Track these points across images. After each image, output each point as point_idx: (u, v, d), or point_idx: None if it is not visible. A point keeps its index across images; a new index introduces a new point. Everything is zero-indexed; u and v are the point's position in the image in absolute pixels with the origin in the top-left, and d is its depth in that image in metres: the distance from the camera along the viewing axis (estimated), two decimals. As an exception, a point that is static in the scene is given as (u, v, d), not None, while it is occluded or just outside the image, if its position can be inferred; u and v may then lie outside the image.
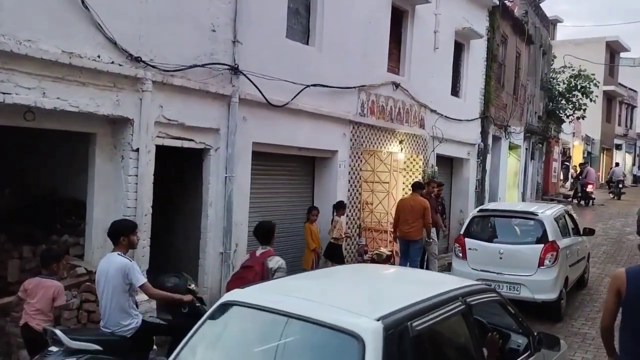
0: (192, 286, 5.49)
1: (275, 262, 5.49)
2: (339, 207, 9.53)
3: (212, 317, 3.68)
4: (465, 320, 3.67)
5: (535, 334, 4.42)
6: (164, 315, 5.75)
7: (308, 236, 8.87)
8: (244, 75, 7.67)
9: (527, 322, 4.55)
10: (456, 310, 3.59)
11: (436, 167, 13.27)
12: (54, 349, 4.46)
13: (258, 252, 5.58)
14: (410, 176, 12.16)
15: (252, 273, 5.39)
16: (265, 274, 5.38)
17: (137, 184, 6.48)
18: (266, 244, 5.66)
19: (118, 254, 4.94)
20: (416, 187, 10.10)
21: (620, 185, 28.42)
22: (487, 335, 3.95)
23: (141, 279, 4.90)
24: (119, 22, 6.13)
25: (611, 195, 27.95)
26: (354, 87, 10.19)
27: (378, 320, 3.02)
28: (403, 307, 3.23)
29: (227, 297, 3.72)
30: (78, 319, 6.10)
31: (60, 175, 7.35)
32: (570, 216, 10.40)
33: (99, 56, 5.97)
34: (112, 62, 6.10)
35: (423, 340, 3.25)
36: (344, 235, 9.59)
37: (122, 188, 6.47)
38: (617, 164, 32.29)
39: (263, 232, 5.74)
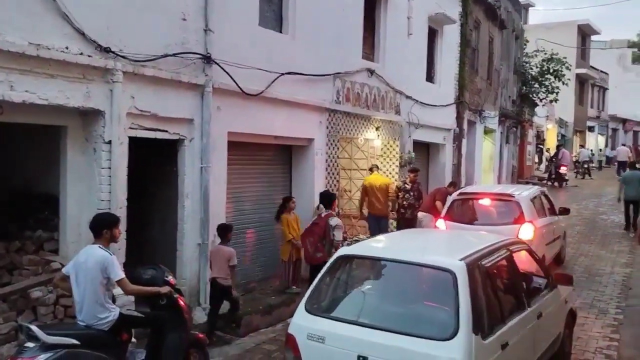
0: (169, 278, 5.45)
1: (335, 221, 8.13)
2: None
3: (331, 267, 4.94)
4: (509, 262, 5.16)
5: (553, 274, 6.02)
6: (143, 308, 5.70)
7: (285, 227, 8.76)
8: (217, 64, 7.60)
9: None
10: (504, 255, 5.09)
11: (413, 153, 13.35)
12: (30, 344, 4.40)
13: (323, 214, 8.26)
14: (388, 162, 12.23)
15: (318, 227, 8.10)
16: (327, 229, 8.00)
17: (110, 176, 6.38)
18: (328, 208, 8.28)
19: (99, 246, 4.86)
20: (374, 168, 11.03)
21: (586, 166, 29.33)
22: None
23: (120, 274, 4.83)
24: (86, 13, 6.00)
25: (578, 176, 28.77)
26: (329, 75, 10.16)
27: (461, 260, 4.35)
28: (472, 252, 4.64)
29: (341, 252, 5.15)
30: (55, 315, 6.03)
31: (32, 170, 7.21)
32: (546, 197, 10.64)
33: (67, 47, 5.85)
34: (81, 53, 5.98)
35: (488, 273, 4.65)
36: None
37: (95, 181, 6.37)
38: (581, 146, 33.12)
39: (326, 199, 8.45)
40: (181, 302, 5.46)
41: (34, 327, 4.42)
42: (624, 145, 35.60)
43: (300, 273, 8.88)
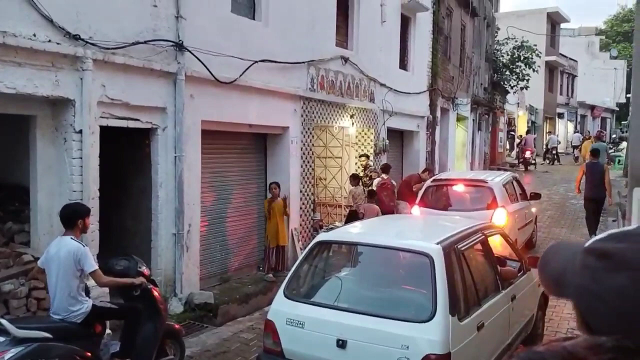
0: (143, 268, 5.38)
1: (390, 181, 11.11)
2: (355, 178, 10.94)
3: (309, 253, 4.97)
4: (484, 246, 5.32)
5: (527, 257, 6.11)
6: (116, 299, 5.64)
7: (281, 212, 8.99)
8: (189, 51, 7.48)
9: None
10: (478, 239, 5.21)
11: (387, 141, 13.40)
12: (0, 339, 4.31)
13: (385, 177, 11.04)
14: (362, 150, 12.26)
15: (387, 186, 10.92)
16: (393, 187, 11.06)
17: (82, 167, 6.26)
18: (386, 174, 11.14)
19: (71, 238, 4.78)
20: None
21: (554, 152, 30.32)
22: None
23: (93, 265, 4.76)
24: (53, -2, 5.85)
25: (546, 161, 29.73)
26: (303, 62, 10.10)
27: (437, 244, 4.42)
28: (449, 236, 4.72)
29: (319, 238, 5.25)
30: (27, 307, 5.91)
31: (0, 161, 7.05)
32: (518, 182, 10.80)
33: (34, 35, 5.69)
34: (49, 41, 5.84)
35: (464, 256, 4.70)
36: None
37: (66, 172, 6.25)
38: (549, 132, 34.14)
39: (386, 168, 11.45)
40: (155, 293, 5.39)
41: (3, 321, 4.33)
42: (577, 132, 38.71)
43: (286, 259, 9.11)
